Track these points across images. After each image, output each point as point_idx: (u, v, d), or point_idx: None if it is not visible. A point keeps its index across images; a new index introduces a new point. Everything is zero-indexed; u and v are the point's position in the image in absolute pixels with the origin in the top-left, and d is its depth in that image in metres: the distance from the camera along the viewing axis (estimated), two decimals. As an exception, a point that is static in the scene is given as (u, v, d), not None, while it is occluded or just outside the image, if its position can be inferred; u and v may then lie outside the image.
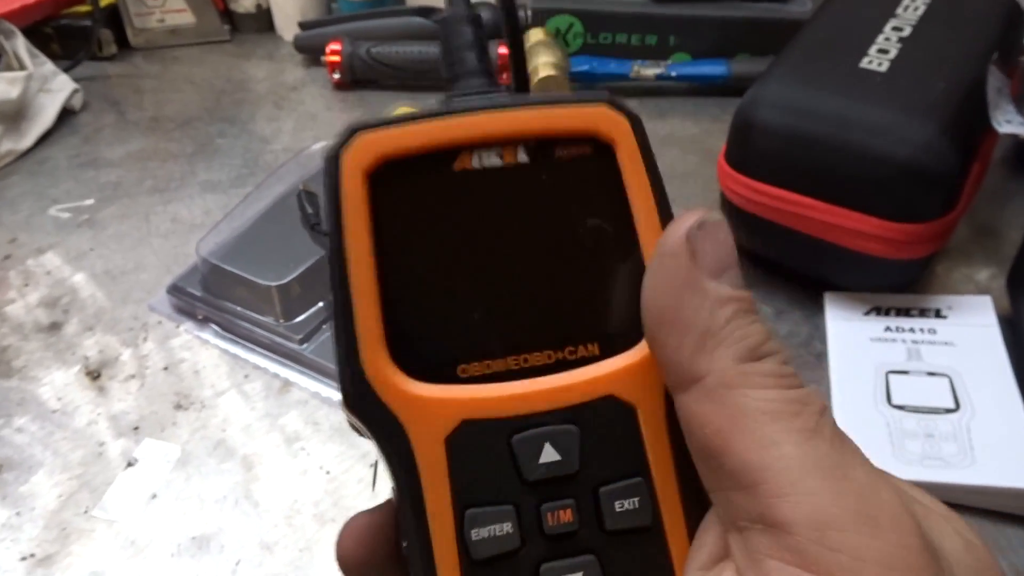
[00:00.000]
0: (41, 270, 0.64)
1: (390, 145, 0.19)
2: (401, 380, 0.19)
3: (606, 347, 0.20)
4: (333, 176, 0.19)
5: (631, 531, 0.19)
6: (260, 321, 0.57)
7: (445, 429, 0.19)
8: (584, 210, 0.20)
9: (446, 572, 0.19)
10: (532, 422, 0.19)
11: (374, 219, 0.19)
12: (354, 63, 0.82)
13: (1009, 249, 0.61)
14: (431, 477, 0.19)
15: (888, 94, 0.54)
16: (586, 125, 0.20)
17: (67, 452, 0.52)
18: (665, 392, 0.19)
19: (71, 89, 0.80)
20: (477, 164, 0.19)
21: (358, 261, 0.19)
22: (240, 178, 0.73)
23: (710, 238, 0.18)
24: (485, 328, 0.19)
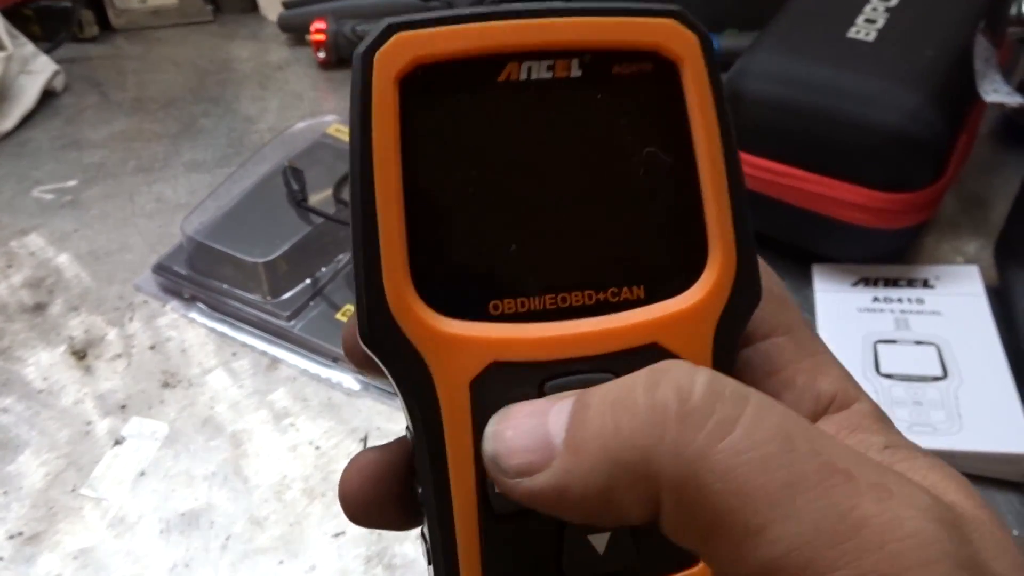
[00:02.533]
0: (25, 251, 0.64)
1: (429, 47, 0.16)
2: (427, 314, 0.17)
3: (653, 291, 0.18)
4: (363, 81, 0.16)
5: None
6: (247, 299, 0.57)
7: (472, 371, 0.17)
8: (640, 135, 0.17)
9: (464, 524, 0.17)
10: (567, 368, 0.17)
11: (405, 131, 0.16)
12: (339, 41, 0.81)
13: (996, 220, 0.61)
14: (453, 422, 0.17)
15: (876, 63, 0.54)
16: (650, 39, 0.17)
17: (54, 431, 0.51)
18: (713, 343, 0.18)
19: (52, 70, 0.79)
20: (524, 76, 0.17)
21: (384, 179, 0.16)
22: (225, 158, 0.72)
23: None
24: (521, 262, 0.17)
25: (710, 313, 0.18)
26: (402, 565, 0.45)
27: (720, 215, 0.18)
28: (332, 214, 0.58)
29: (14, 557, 0.45)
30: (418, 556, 0.45)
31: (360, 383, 0.53)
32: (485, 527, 0.17)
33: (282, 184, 0.61)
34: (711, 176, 0.18)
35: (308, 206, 0.59)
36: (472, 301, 0.17)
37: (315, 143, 0.66)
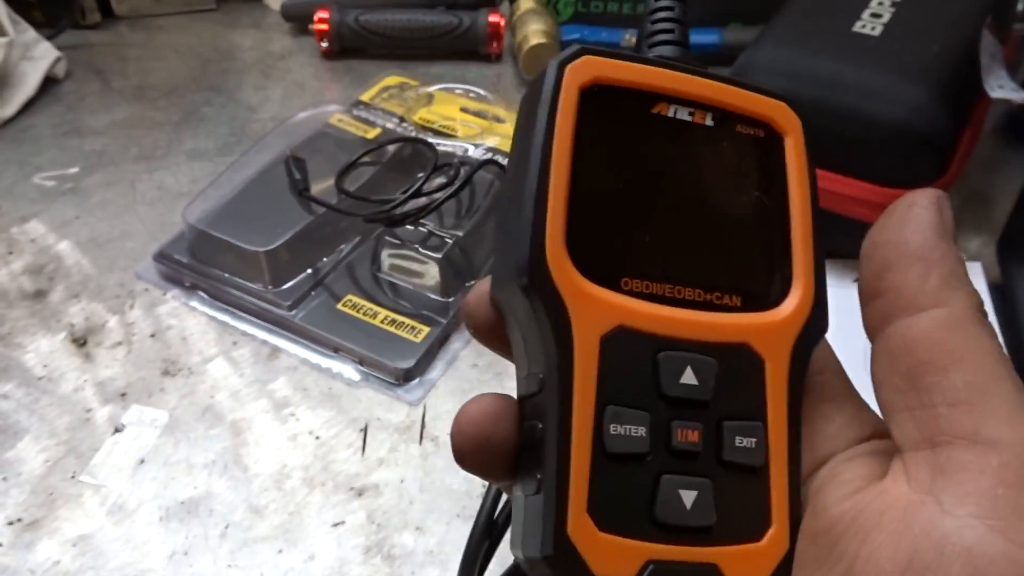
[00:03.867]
0: (25, 238, 0.64)
1: (608, 72, 0.21)
2: (574, 274, 0.20)
3: (747, 302, 0.22)
4: (556, 82, 0.21)
5: (744, 467, 0.20)
6: (248, 287, 0.57)
7: (603, 328, 0.20)
8: (750, 181, 0.22)
9: (579, 458, 0.20)
10: (679, 345, 0.21)
11: (578, 130, 0.21)
12: (342, 31, 0.81)
13: (1000, 217, 0.61)
14: (583, 368, 0.20)
15: (881, 58, 0.54)
16: (767, 112, 0.22)
17: (53, 418, 0.51)
18: (792, 353, 0.21)
19: (54, 57, 0.78)
20: (671, 114, 0.22)
21: (559, 160, 0.20)
22: (227, 146, 0.72)
23: (949, 209, 0.21)
24: (651, 252, 0.21)
25: (792, 330, 0.21)
26: (401, 555, 0.45)
27: (804, 254, 0.22)
28: (334, 204, 0.58)
29: (13, 543, 0.45)
30: (417, 547, 0.45)
31: (360, 373, 0.53)
32: (596, 463, 0.20)
33: (284, 173, 0.60)
34: (800, 223, 0.22)
35: (310, 196, 0.59)
36: (609, 272, 0.21)
37: (317, 133, 0.66)
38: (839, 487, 0.20)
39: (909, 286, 0.19)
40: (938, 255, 0.20)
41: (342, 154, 0.62)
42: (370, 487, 0.48)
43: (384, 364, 0.53)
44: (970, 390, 0.18)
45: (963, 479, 0.18)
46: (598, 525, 0.19)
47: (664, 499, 0.20)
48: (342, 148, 0.64)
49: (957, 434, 0.18)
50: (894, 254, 0.20)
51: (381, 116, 0.69)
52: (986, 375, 0.18)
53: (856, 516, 0.19)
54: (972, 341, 0.19)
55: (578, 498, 0.20)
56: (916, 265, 0.20)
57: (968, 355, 0.19)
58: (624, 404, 0.20)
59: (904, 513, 0.18)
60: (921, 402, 0.19)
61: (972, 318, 0.19)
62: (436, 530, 0.46)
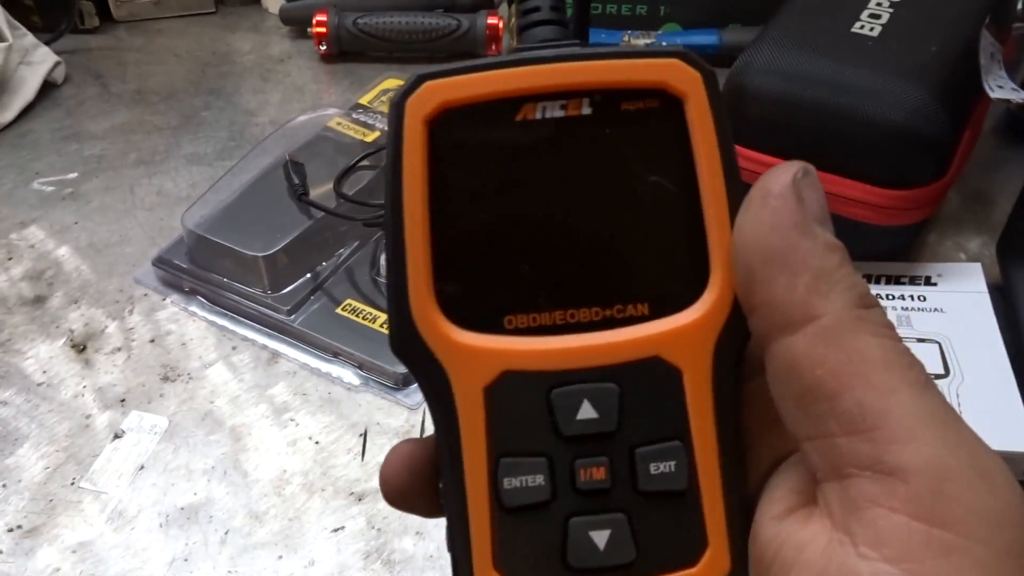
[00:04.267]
0: (24, 243, 0.64)
1: (453, 93, 0.19)
2: (446, 327, 0.19)
3: (656, 308, 0.19)
4: (396, 122, 0.19)
5: (665, 494, 0.19)
6: (247, 292, 0.57)
7: (485, 378, 0.19)
8: (646, 166, 0.19)
9: (477, 516, 0.19)
10: (573, 378, 0.19)
11: (432, 166, 0.19)
12: (341, 34, 0.81)
13: (1000, 217, 0.60)
14: (469, 424, 0.19)
15: (880, 58, 0.53)
16: (656, 78, 0.19)
17: (53, 424, 0.51)
18: (713, 358, 0.19)
19: (53, 62, 0.78)
20: (539, 115, 0.19)
21: (412, 207, 0.19)
22: (226, 150, 0.72)
23: (813, 186, 0.18)
24: (534, 281, 0.19)
25: (710, 330, 0.19)
26: (401, 560, 0.44)
27: (721, 239, 0.19)
28: (333, 208, 0.58)
29: (13, 550, 0.45)
30: (416, 552, 0.45)
31: (360, 378, 0.53)
32: (496, 519, 0.19)
33: (283, 178, 0.60)
34: (713, 203, 0.19)
35: (309, 200, 0.59)
36: (488, 315, 0.19)
37: (316, 136, 0.66)
38: (770, 505, 0.19)
39: (778, 299, 0.17)
40: (801, 256, 0.17)
41: (341, 158, 0.62)
42: (370, 492, 0.48)
43: (384, 368, 0.53)
44: (863, 414, 0.16)
45: (874, 516, 0.16)
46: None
47: (575, 543, 0.19)
48: (341, 152, 0.64)
49: (860, 465, 0.17)
50: (755, 262, 0.18)
51: (380, 119, 0.69)
52: (878, 392, 0.16)
53: (779, 548, 0.18)
54: (855, 354, 0.17)
55: (483, 556, 0.19)
56: (780, 274, 0.17)
57: (853, 372, 0.17)
58: (518, 454, 0.19)
59: (822, 552, 0.17)
60: (819, 431, 0.17)
61: (849, 324, 0.17)
62: (436, 535, 0.46)
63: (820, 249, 0.17)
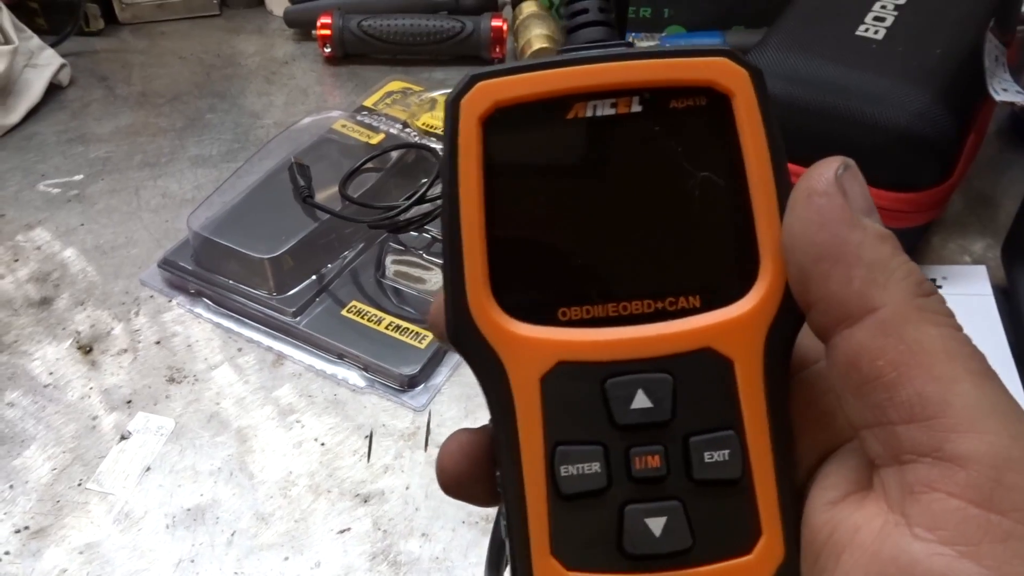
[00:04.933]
0: (31, 245, 0.64)
1: (506, 92, 0.19)
2: (502, 319, 0.19)
3: (707, 300, 0.20)
4: (452, 121, 0.19)
5: (719, 482, 0.19)
6: (252, 294, 0.57)
7: (541, 368, 0.19)
8: (695, 162, 0.20)
9: (535, 504, 0.19)
10: (626, 368, 0.19)
11: (487, 163, 0.19)
12: (345, 37, 0.81)
13: (1004, 220, 0.61)
14: (525, 413, 0.19)
15: (884, 61, 0.54)
16: (703, 76, 0.19)
17: (60, 426, 0.51)
18: (764, 349, 0.19)
19: (58, 64, 0.79)
20: (590, 113, 0.19)
21: (469, 203, 0.19)
22: (231, 153, 0.72)
23: (855, 179, 0.18)
24: (587, 274, 0.20)
25: (761, 321, 0.19)
26: (407, 562, 0.45)
27: (771, 232, 0.19)
28: (338, 211, 0.58)
29: (20, 551, 0.45)
30: (423, 554, 0.45)
31: (365, 380, 0.53)
32: (553, 506, 0.19)
33: (288, 180, 0.61)
34: (762, 196, 0.19)
35: (314, 202, 0.59)
36: (543, 307, 0.20)
37: (321, 139, 0.66)
38: (824, 492, 0.19)
39: (834, 294, 0.18)
40: (852, 250, 0.17)
41: (345, 160, 0.62)
42: (375, 494, 0.48)
43: (389, 370, 0.53)
44: (923, 404, 0.17)
45: (931, 500, 0.17)
46: (565, 565, 0.19)
47: (631, 530, 0.19)
48: (345, 154, 0.64)
49: (920, 451, 0.17)
50: (808, 259, 0.18)
51: (384, 122, 0.69)
52: (939, 381, 0.17)
53: (833, 530, 0.18)
54: (915, 344, 0.17)
55: (540, 543, 0.19)
56: (834, 269, 0.18)
57: (914, 362, 0.17)
58: (575, 441, 0.19)
59: (877, 534, 0.17)
60: (878, 419, 0.17)
61: (909, 314, 0.17)
62: (442, 537, 0.46)
63: (871, 240, 0.18)
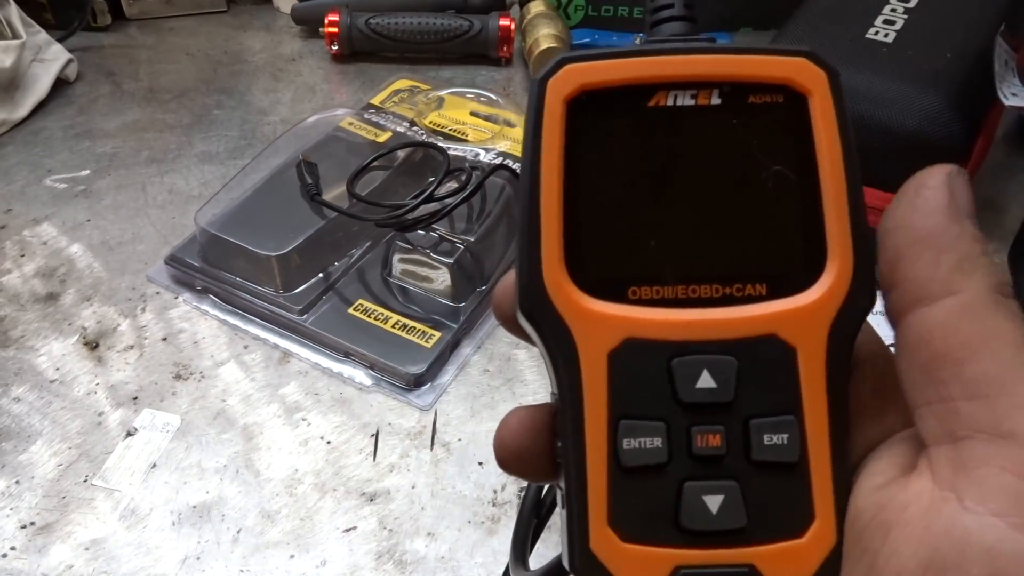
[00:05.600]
0: (37, 240, 0.64)
1: (592, 76, 0.20)
2: (575, 293, 0.20)
3: (773, 289, 0.20)
4: (538, 101, 0.20)
5: (776, 465, 0.20)
6: (259, 292, 0.57)
7: (610, 344, 0.20)
8: (770, 155, 0.20)
9: (595, 475, 0.20)
10: (693, 348, 0.20)
11: (568, 143, 0.20)
12: (352, 34, 0.81)
13: (1011, 224, 0.61)
14: (592, 386, 0.20)
15: (894, 65, 0.53)
16: (782, 74, 0.20)
17: (66, 422, 0.51)
18: (827, 339, 0.20)
19: (65, 59, 0.79)
20: (671, 102, 0.20)
21: (549, 179, 0.20)
22: (237, 149, 0.72)
23: (964, 186, 0.19)
24: (659, 255, 0.20)
25: (826, 312, 0.20)
26: (412, 561, 0.45)
27: (839, 226, 0.20)
28: (345, 209, 0.58)
29: (26, 547, 0.45)
30: (428, 553, 0.45)
31: (371, 378, 0.53)
32: (613, 478, 0.20)
33: (295, 177, 0.61)
34: (832, 192, 0.20)
35: (322, 200, 0.59)
36: (614, 285, 0.20)
37: (328, 136, 0.66)
38: (871, 477, 0.20)
39: (921, 275, 0.19)
40: (949, 239, 0.19)
41: (352, 158, 0.62)
42: (381, 493, 0.48)
43: (395, 369, 0.53)
44: (988, 382, 0.18)
45: (984, 475, 0.17)
46: (622, 537, 0.20)
47: (688, 506, 0.20)
48: (352, 152, 0.64)
49: (977, 428, 0.17)
50: (904, 241, 0.19)
51: (391, 120, 0.69)
52: (1004, 365, 0.18)
53: (880, 510, 0.19)
54: (988, 329, 0.18)
55: (598, 513, 0.20)
56: (927, 252, 0.19)
57: (984, 344, 0.18)
58: (638, 416, 0.20)
59: (926, 510, 0.18)
60: (940, 396, 0.18)
61: (988, 303, 0.18)
62: (447, 536, 0.46)
63: (968, 236, 0.19)
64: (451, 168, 0.58)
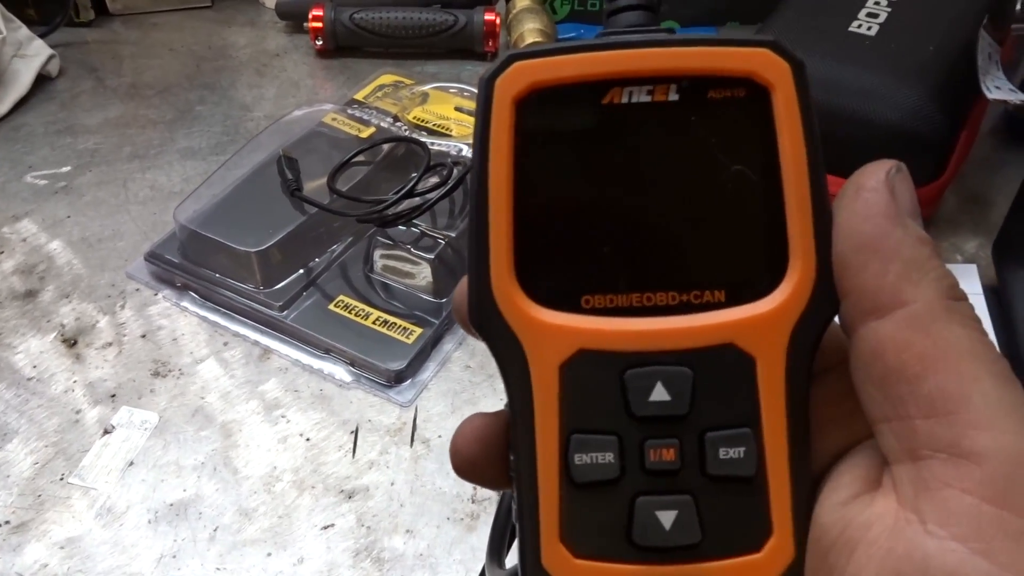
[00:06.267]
0: (16, 237, 0.63)
1: (542, 74, 0.19)
2: (525, 303, 0.19)
3: (733, 295, 0.19)
4: (485, 101, 0.19)
5: (732, 479, 0.19)
6: (239, 288, 0.56)
7: (561, 355, 0.19)
8: (730, 155, 0.19)
9: (547, 490, 0.19)
10: (647, 360, 0.19)
11: (518, 146, 0.19)
12: (337, 29, 0.80)
13: (996, 218, 0.60)
14: (543, 399, 0.19)
15: (877, 58, 0.53)
16: (743, 66, 0.19)
17: (42, 419, 0.51)
18: (787, 348, 0.19)
19: (47, 55, 0.78)
20: (626, 99, 0.19)
21: (498, 185, 0.19)
22: (220, 145, 0.71)
23: (905, 183, 0.19)
24: (613, 262, 0.19)
25: (786, 318, 0.19)
26: (391, 559, 0.44)
27: (802, 229, 0.19)
28: (326, 204, 0.58)
29: (1, 546, 0.45)
30: (407, 551, 0.45)
31: (352, 375, 0.53)
32: (565, 494, 0.19)
33: (276, 173, 0.60)
34: (795, 193, 0.19)
35: (302, 195, 0.58)
36: (566, 294, 0.19)
37: (311, 132, 0.65)
38: (835, 492, 0.19)
39: (869, 285, 0.18)
40: (892, 244, 0.18)
41: (335, 153, 0.62)
42: (360, 490, 0.47)
43: (376, 365, 0.52)
44: (945, 399, 0.17)
45: (945, 497, 0.17)
46: (574, 553, 0.19)
47: (641, 521, 0.19)
48: (335, 147, 0.64)
49: (936, 447, 0.17)
50: (849, 249, 0.18)
51: (375, 115, 0.68)
52: (961, 378, 0.17)
53: (845, 527, 0.18)
54: (942, 341, 0.17)
55: (550, 529, 0.19)
56: (872, 261, 0.18)
57: (939, 358, 0.17)
58: (590, 431, 0.19)
59: (890, 531, 0.17)
60: (897, 413, 0.18)
61: (940, 312, 0.18)
62: (426, 533, 0.45)
63: (912, 240, 0.18)
64: (433, 163, 0.58)
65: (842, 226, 0.19)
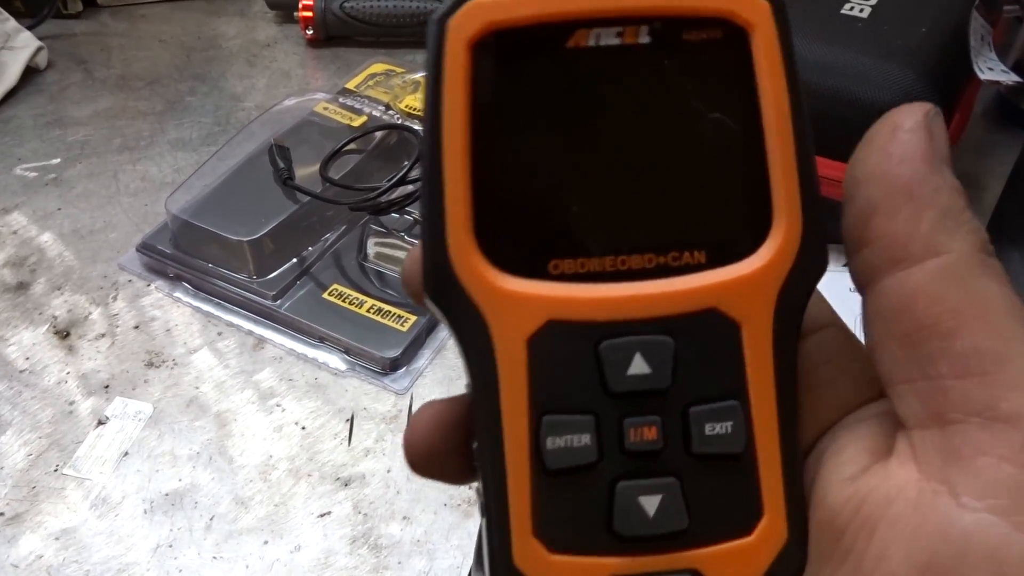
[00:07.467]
0: (7, 230, 0.63)
1: (500, 14, 0.17)
2: (487, 271, 0.17)
3: (714, 256, 0.18)
4: (436, 44, 0.17)
5: (720, 457, 0.18)
6: (232, 278, 0.56)
7: (529, 328, 0.17)
8: (707, 102, 0.17)
9: (516, 480, 0.17)
10: (624, 329, 0.17)
11: (475, 94, 0.17)
12: (328, 19, 0.80)
13: (990, 200, 0.60)
14: (509, 377, 0.17)
15: (869, 40, 0.53)
16: (721, 6, 0.17)
17: (36, 411, 0.51)
18: (774, 311, 0.17)
19: (35, 47, 0.77)
20: (593, 42, 0.17)
21: (453, 139, 0.17)
22: (211, 136, 0.71)
23: (941, 128, 0.17)
24: (583, 223, 0.18)
25: (772, 280, 0.18)
26: (388, 546, 0.44)
27: (786, 183, 0.17)
28: (318, 192, 0.57)
29: (-5, 537, 0.45)
30: (403, 537, 0.45)
31: (346, 363, 0.53)
32: (537, 482, 0.17)
33: (268, 162, 0.60)
34: (778, 143, 0.17)
35: (294, 184, 0.58)
36: (533, 259, 0.17)
37: (302, 121, 0.65)
38: (840, 467, 0.17)
39: (898, 232, 0.16)
40: (929, 190, 0.16)
41: (327, 142, 0.62)
42: (356, 477, 0.47)
43: (370, 353, 0.52)
44: (981, 357, 0.15)
45: (981, 465, 0.15)
46: (549, 548, 0.17)
47: (622, 509, 0.17)
48: (327, 136, 0.63)
49: (970, 411, 0.15)
50: (878, 193, 0.17)
51: (367, 104, 0.68)
52: (999, 336, 0.15)
53: (860, 504, 0.17)
54: (978, 295, 0.16)
55: (521, 523, 0.18)
56: (906, 206, 0.16)
57: (975, 313, 0.16)
58: (563, 411, 0.17)
59: (916, 505, 0.16)
60: (925, 373, 0.16)
61: (976, 266, 0.16)
62: (423, 520, 0.45)
63: (949, 187, 0.16)
64: (425, 150, 0.57)
65: (873, 168, 0.17)
